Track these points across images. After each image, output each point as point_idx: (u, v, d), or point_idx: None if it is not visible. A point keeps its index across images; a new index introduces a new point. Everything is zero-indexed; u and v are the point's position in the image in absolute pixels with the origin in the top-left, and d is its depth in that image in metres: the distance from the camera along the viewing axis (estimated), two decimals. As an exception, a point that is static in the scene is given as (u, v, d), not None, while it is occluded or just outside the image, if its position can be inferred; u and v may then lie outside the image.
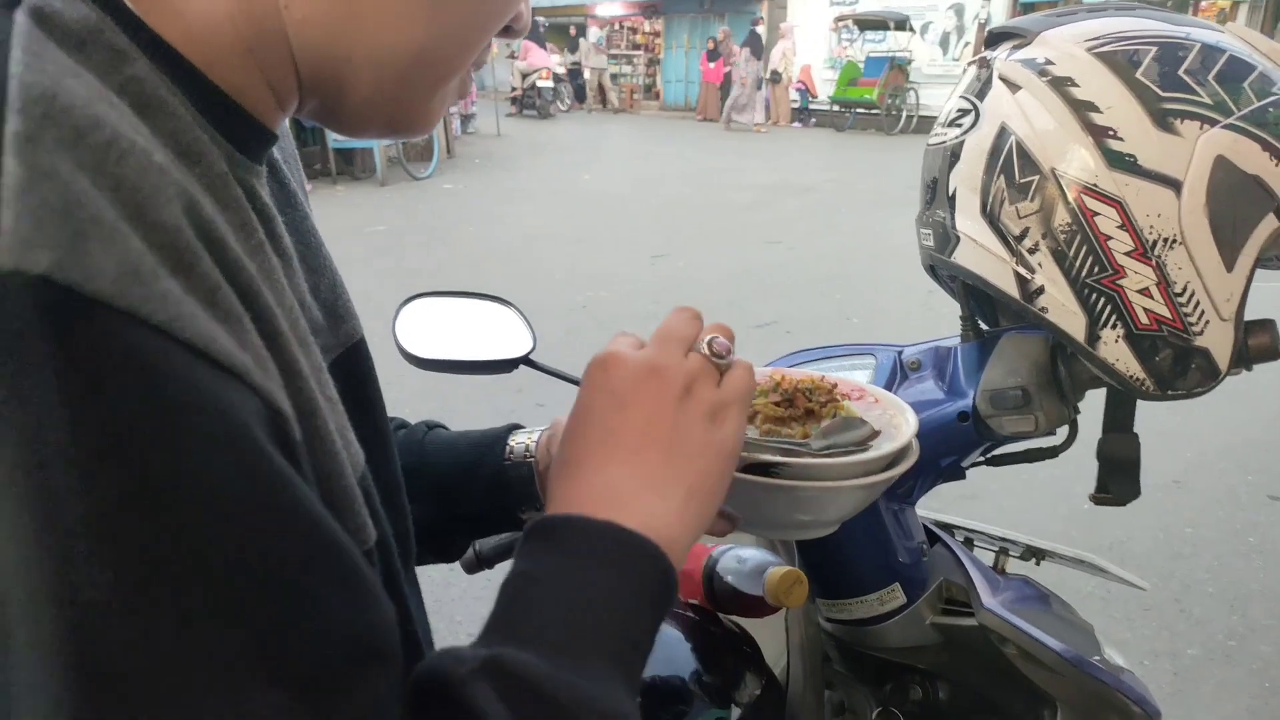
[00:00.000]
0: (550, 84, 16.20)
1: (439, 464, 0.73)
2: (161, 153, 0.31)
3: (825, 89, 16.14)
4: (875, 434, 0.60)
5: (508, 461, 0.71)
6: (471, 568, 0.93)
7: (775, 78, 15.94)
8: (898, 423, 0.62)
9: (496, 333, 0.92)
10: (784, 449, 0.57)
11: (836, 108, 15.55)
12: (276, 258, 0.40)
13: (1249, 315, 0.67)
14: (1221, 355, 0.66)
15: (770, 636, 0.87)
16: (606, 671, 0.39)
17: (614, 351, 0.50)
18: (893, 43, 14.80)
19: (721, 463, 0.48)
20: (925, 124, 12.87)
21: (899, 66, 14.42)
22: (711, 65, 16.66)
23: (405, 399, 1.49)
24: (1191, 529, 2.80)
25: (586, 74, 18.73)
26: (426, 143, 9.20)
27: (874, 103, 14.34)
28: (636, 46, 20.93)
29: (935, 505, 0.98)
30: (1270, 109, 0.64)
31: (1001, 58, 0.71)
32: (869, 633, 0.84)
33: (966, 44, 14.72)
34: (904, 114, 14.34)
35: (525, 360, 0.91)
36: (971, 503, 2.62)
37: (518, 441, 0.72)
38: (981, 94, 0.71)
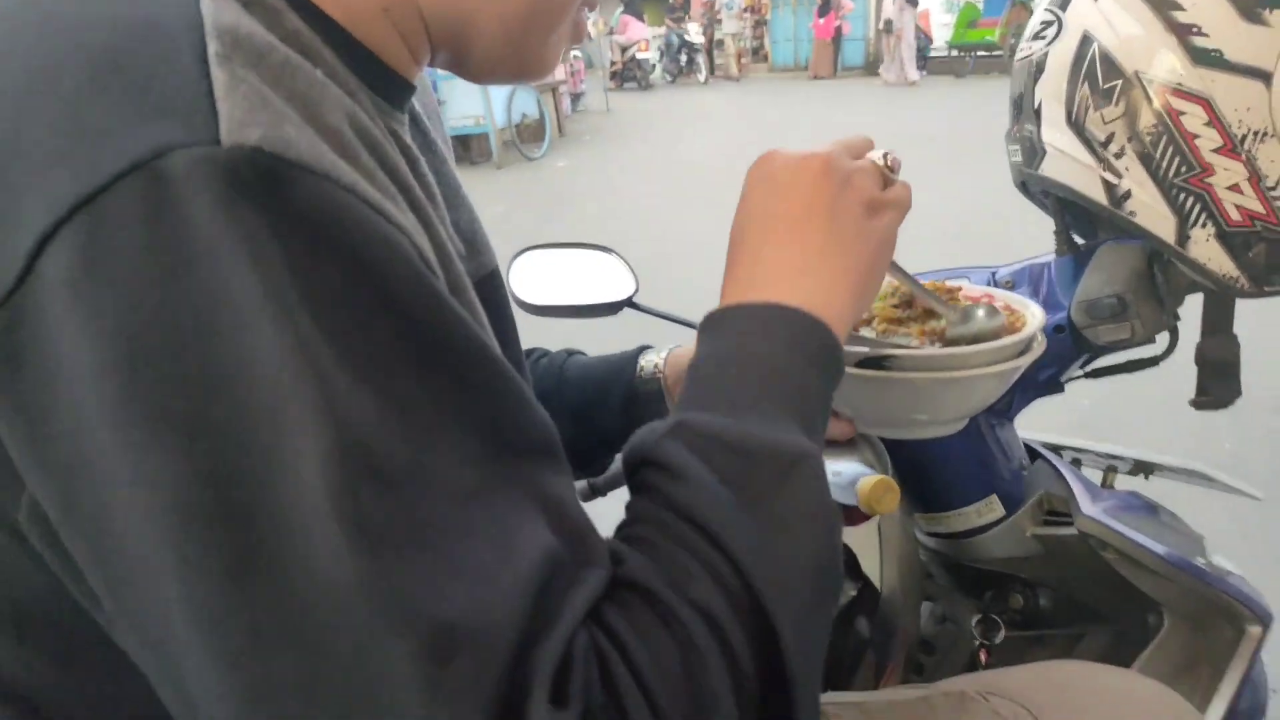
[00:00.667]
0: (649, 55, 16.25)
1: (576, 386, 0.79)
2: (309, 63, 0.38)
3: (943, 34, 15.44)
4: (1001, 327, 0.62)
5: (639, 379, 0.77)
6: (585, 497, 1.01)
7: (888, 27, 15.35)
8: (1024, 320, 0.64)
9: (601, 278, 0.99)
10: (895, 344, 0.61)
11: (955, 53, 14.87)
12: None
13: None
14: (1322, 247, 0.66)
15: (868, 546, 0.91)
16: (783, 419, 0.44)
17: (776, 148, 0.54)
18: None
19: (877, 250, 0.52)
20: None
21: (1022, 3, 13.62)
22: (822, 20, 16.21)
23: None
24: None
25: (728, 42, 18.01)
26: (539, 123, 9.37)
27: (996, 44, 13.62)
28: (744, 9, 20.57)
29: (1043, 425, 0.99)
30: (1369, -7, 0.63)
31: (1084, -34, 0.72)
32: (968, 544, 0.87)
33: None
34: (1029, 54, 13.54)
35: (629, 303, 0.98)
36: (1079, 430, 2.52)
37: (647, 360, 0.78)
38: (1064, 4, 0.72)
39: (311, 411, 0.31)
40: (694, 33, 17.20)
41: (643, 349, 0.81)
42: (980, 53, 14.15)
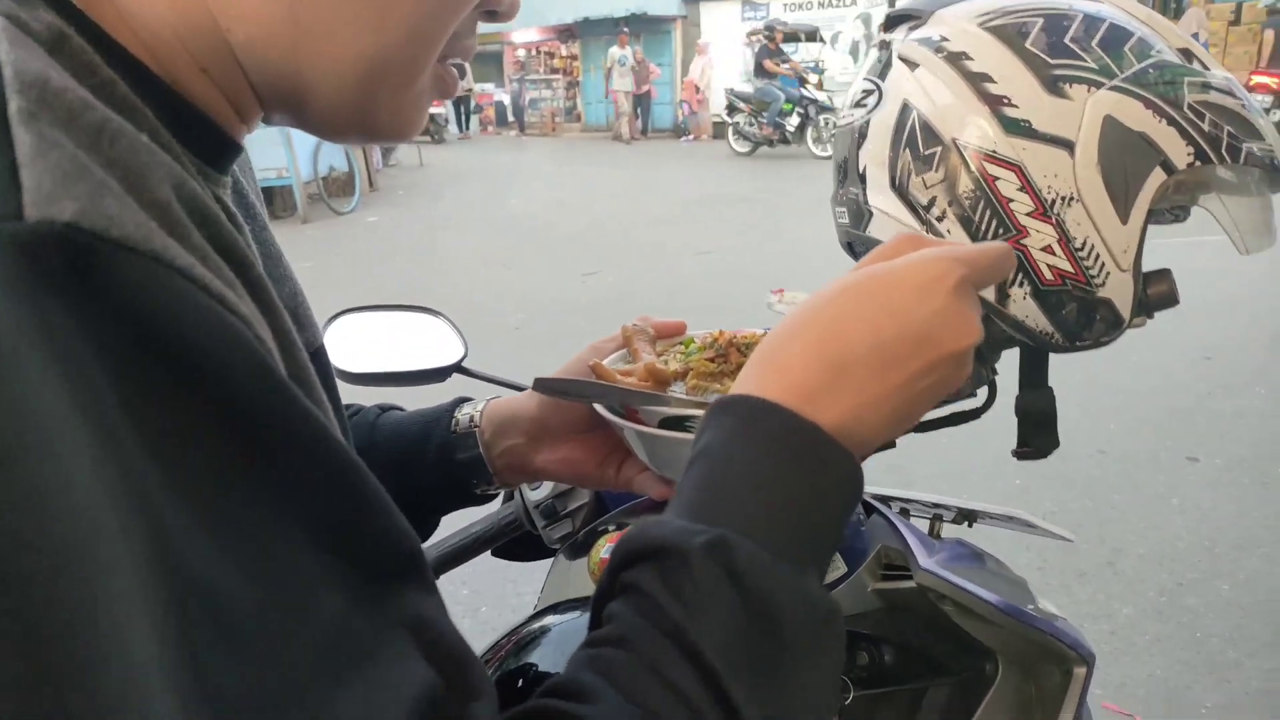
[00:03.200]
0: (441, 110, 16.84)
1: (389, 441, 0.73)
2: (132, 127, 0.32)
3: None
4: None
5: (454, 433, 0.72)
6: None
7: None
8: None
9: (427, 342, 0.92)
10: (699, 403, 0.58)
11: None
12: None
13: (1147, 267, 0.72)
14: (1123, 304, 0.70)
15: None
16: (814, 569, 0.41)
17: (917, 236, 0.50)
18: (805, 54, 15.16)
19: (931, 404, 0.48)
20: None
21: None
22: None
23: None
24: (1119, 495, 2.92)
25: (620, 98, 17.38)
26: (348, 176, 9.08)
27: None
28: (555, 70, 21.02)
29: (874, 480, 1.01)
30: (1150, 70, 0.68)
31: (899, 38, 0.75)
32: (817, 604, 0.86)
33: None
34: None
35: (458, 368, 0.92)
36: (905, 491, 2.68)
37: (463, 413, 0.73)
38: (883, 74, 0.75)
39: (144, 560, 0.25)
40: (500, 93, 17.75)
41: (459, 401, 0.76)
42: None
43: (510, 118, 21.39)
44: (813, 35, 15.11)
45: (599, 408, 0.64)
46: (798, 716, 0.38)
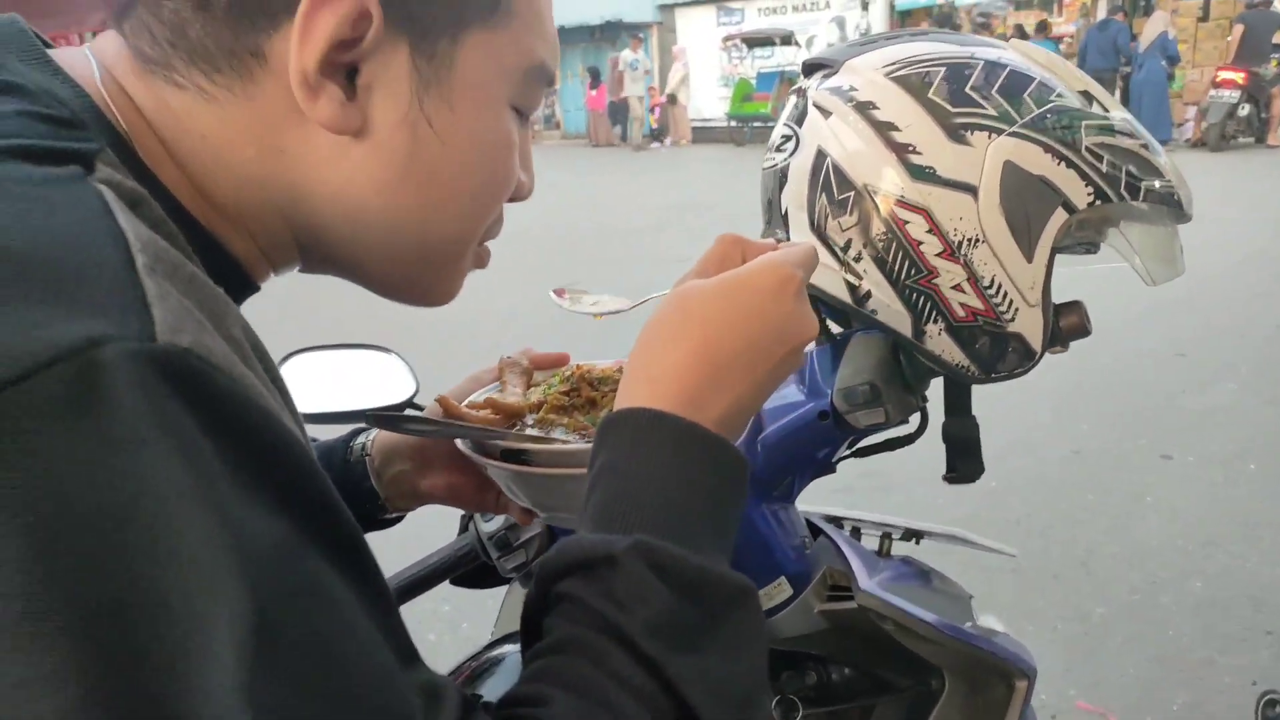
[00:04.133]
0: None
1: None
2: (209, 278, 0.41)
3: (720, 106, 16.55)
4: None
5: (348, 461, 0.76)
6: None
7: (672, 99, 16.24)
8: None
9: (378, 380, 0.95)
10: (537, 436, 0.61)
11: (734, 123, 15.94)
12: None
13: (1060, 298, 0.75)
14: (1034, 338, 0.73)
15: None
16: (721, 555, 0.47)
17: (741, 239, 0.57)
18: (780, 58, 15.27)
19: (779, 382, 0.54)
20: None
21: (789, 79, 14.87)
22: (594, 93, 16.98)
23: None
24: (1092, 495, 2.96)
25: (634, 104, 16.47)
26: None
27: (769, 115, 14.75)
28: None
29: (849, 488, 1.04)
30: (1048, 115, 0.72)
31: (814, 86, 0.78)
32: (762, 629, 0.89)
33: (850, 53, 15.29)
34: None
35: (409, 404, 0.94)
36: (885, 494, 2.72)
37: (357, 441, 0.78)
38: (800, 120, 0.78)
39: (235, 593, 0.33)
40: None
41: (357, 430, 0.80)
42: (756, 123, 15.28)
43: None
44: (787, 39, 15.24)
45: (458, 441, 0.68)
46: (736, 690, 0.43)
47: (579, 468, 0.56)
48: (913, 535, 1.05)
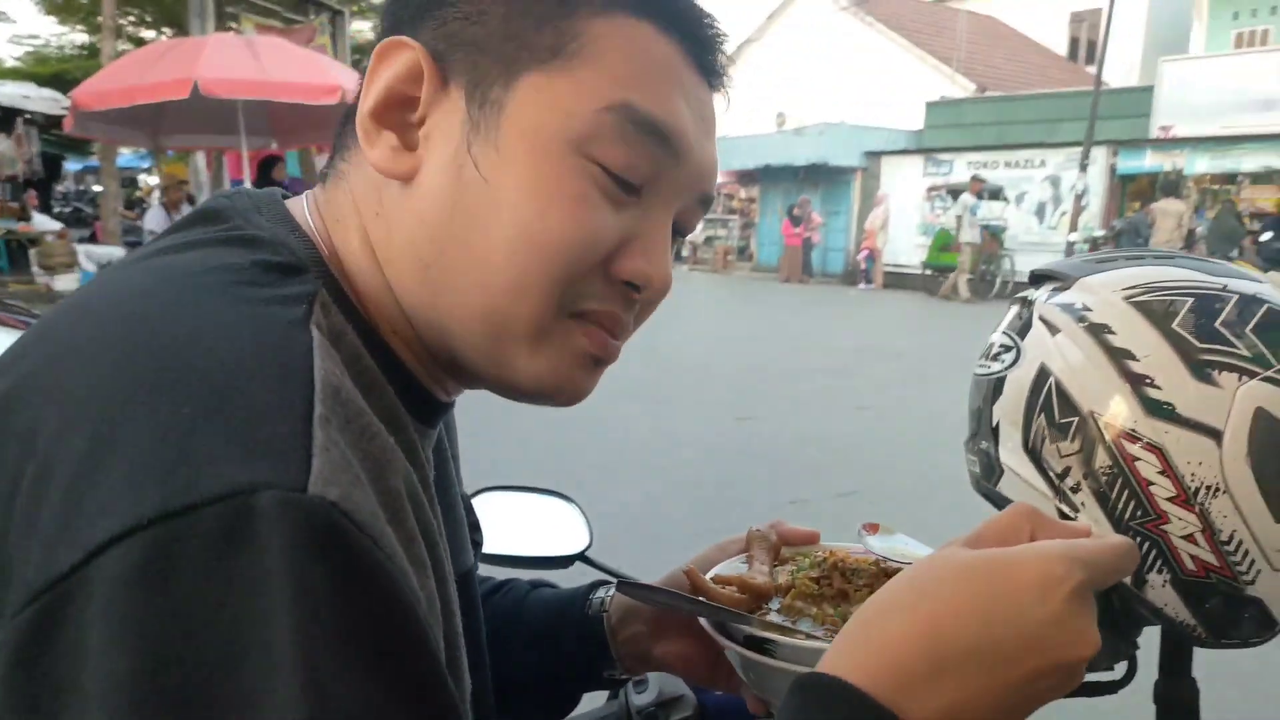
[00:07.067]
0: None
1: (534, 616, 0.79)
2: (383, 427, 0.44)
3: (917, 254, 16.38)
4: None
5: (587, 615, 0.77)
6: None
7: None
8: None
9: (555, 528, 0.97)
10: (784, 627, 0.59)
11: (929, 272, 15.68)
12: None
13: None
14: (1277, 605, 0.65)
15: None
16: None
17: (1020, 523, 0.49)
18: (986, 211, 15.00)
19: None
20: (1020, 290, 12.86)
21: (993, 234, 14.54)
22: (796, 230, 17.32)
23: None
24: None
25: (966, 251, 13.99)
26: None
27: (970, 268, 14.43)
28: (732, 211, 21.80)
29: None
30: (1312, 361, 0.65)
31: (1042, 299, 0.75)
32: None
33: (1063, 213, 14.81)
34: (998, 279, 14.35)
35: (581, 557, 0.95)
36: None
37: (596, 596, 0.78)
38: (1023, 332, 0.75)
39: None
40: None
41: (596, 584, 0.80)
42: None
43: (684, 253, 22.17)
44: (995, 194, 14.98)
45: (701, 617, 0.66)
46: None
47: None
48: None
